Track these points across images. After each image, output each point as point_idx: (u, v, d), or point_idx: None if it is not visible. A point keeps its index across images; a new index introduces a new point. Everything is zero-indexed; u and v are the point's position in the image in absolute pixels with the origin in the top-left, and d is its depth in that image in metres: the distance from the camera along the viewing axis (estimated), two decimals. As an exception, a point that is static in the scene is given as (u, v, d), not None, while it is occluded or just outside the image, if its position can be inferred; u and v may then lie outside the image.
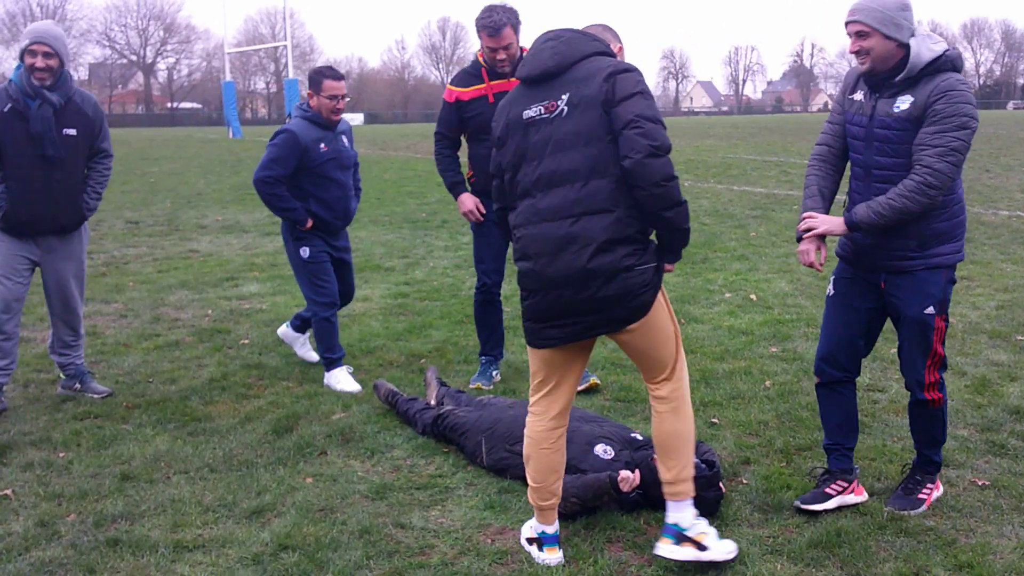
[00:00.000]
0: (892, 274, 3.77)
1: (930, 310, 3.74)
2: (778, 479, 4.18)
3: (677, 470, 3.45)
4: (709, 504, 3.81)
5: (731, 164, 23.47)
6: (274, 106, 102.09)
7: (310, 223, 5.56)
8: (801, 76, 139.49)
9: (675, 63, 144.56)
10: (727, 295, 8.05)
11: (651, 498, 3.85)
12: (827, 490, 3.91)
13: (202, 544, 3.66)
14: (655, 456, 3.73)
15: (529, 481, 3.58)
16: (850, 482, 3.95)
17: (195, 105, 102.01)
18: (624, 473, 3.75)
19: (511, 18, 5.19)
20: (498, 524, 3.82)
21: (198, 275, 9.35)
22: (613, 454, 4.05)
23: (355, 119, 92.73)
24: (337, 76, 5.52)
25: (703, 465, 3.88)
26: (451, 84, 5.49)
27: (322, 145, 5.50)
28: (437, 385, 5.13)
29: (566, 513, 3.77)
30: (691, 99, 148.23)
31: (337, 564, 3.47)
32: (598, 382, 5.55)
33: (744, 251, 10.27)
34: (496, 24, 5.14)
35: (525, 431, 3.61)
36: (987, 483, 4.13)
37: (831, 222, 3.76)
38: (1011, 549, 3.54)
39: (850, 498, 3.92)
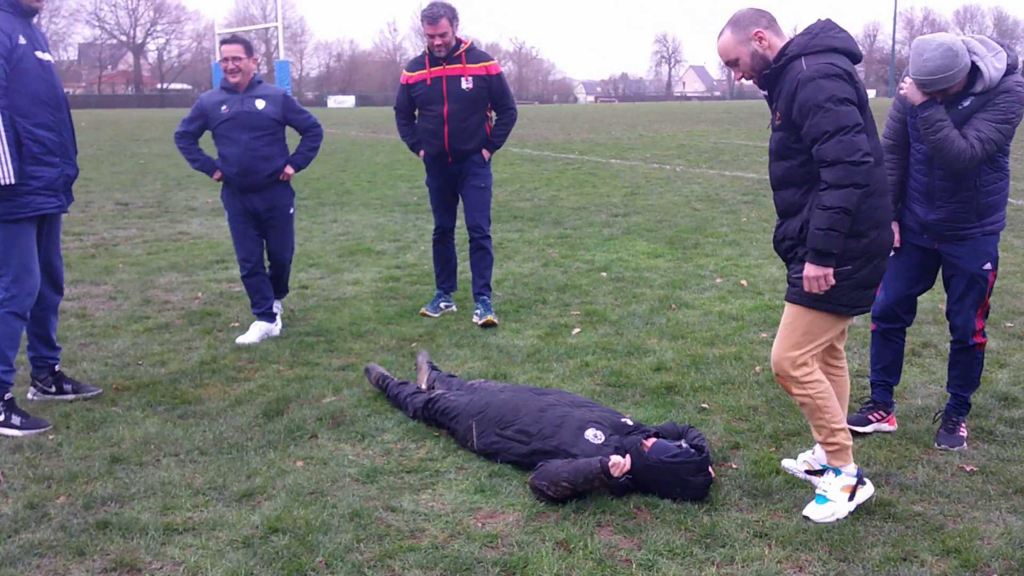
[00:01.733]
0: (950, 242, 4.35)
1: (987, 266, 4.36)
2: (767, 464, 4.19)
3: None
4: (698, 489, 3.82)
5: (723, 149, 23.47)
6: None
7: (217, 175, 6.30)
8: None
9: (668, 47, 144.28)
10: (718, 280, 8.06)
11: (641, 483, 3.86)
12: (869, 416, 4.60)
13: (192, 527, 3.66)
14: (649, 435, 3.77)
15: (838, 426, 3.74)
16: (888, 413, 4.64)
17: (185, 86, 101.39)
18: (615, 458, 3.76)
19: (448, 12, 6.41)
20: (488, 508, 3.83)
21: (188, 257, 9.31)
22: (603, 439, 4.06)
23: (346, 101, 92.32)
24: (231, 40, 6.17)
25: (692, 450, 3.89)
26: (404, 69, 6.80)
27: (223, 107, 6.17)
28: (428, 369, 5.13)
29: (557, 498, 3.78)
30: (683, 84, 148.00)
31: (327, 547, 3.47)
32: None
33: (735, 236, 10.28)
34: (435, 14, 6.38)
35: (822, 387, 3.72)
36: (975, 469, 4.16)
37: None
38: (998, 535, 3.57)
39: (884, 427, 4.61)
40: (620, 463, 3.75)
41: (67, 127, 4.90)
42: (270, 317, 6.45)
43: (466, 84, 6.52)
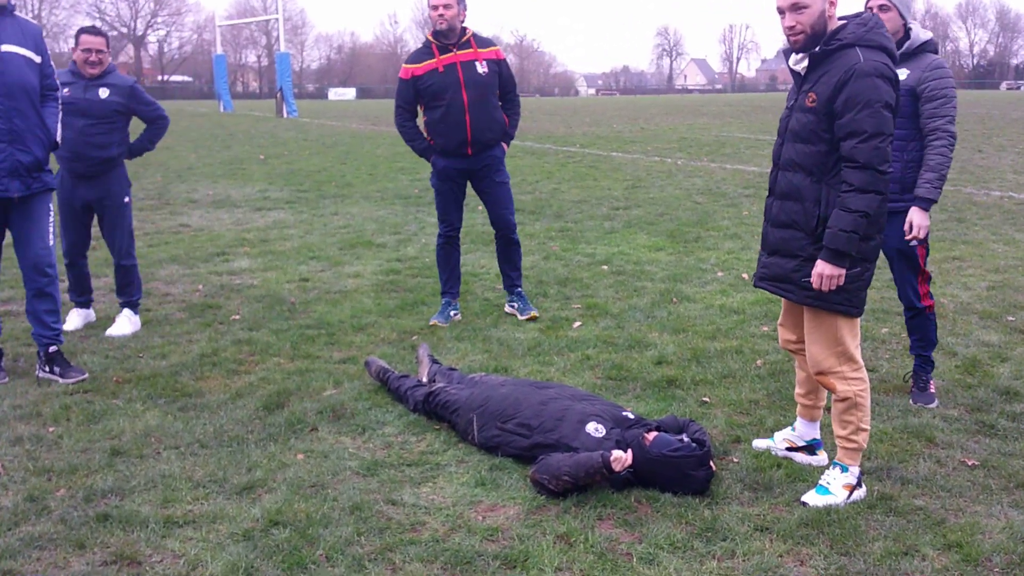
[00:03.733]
0: None
1: (913, 242, 4.71)
2: (768, 458, 4.19)
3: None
4: (699, 483, 3.82)
5: (724, 142, 23.43)
6: (265, 80, 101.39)
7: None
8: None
9: (669, 40, 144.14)
10: (719, 274, 8.05)
11: (642, 476, 3.86)
12: None
13: (192, 520, 3.65)
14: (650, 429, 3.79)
15: (865, 427, 3.81)
16: None
17: (186, 78, 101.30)
18: (617, 453, 3.75)
19: None
20: (489, 501, 3.83)
21: (189, 250, 9.30)
22: (604, 432, 4.05)
23: (347, 93, 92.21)
24: (94, 32, 6.17)
25: (693, 444, 3.88)
26: (405, 63, 6.36)
27: (65, 91, 5.98)
28: (429, 362, 5.12)
29: (558, 491, 3.78)
30: (685, 77, 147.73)
31: (328, 540, 3.47)
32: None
33: (737, 230, 10.26)
34: None
35: (865, 385, 3.79)
36: (977, 463, 4.15)
37: (920, 217, 4.61)
38: (1000, 529, 3.56)
39: None
40: (622, 457, 3.74)
41: (23, 115, 5.08)
42: (87, 305, 6.60)
43: (481, 68, 6.22)
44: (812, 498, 3.76)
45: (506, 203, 6.58)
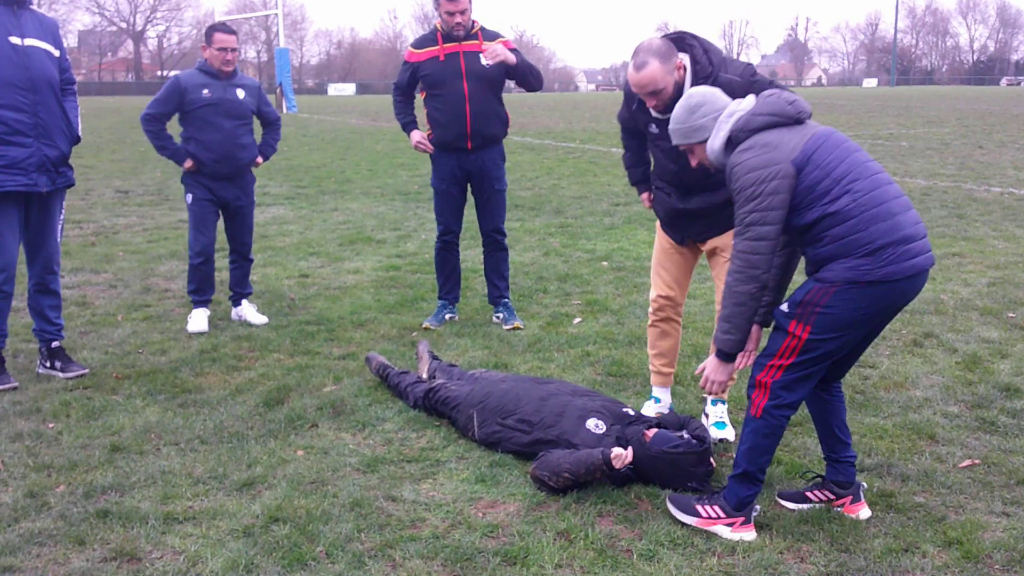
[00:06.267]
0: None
1: (783, 307, 3.40)
2: (769, 455, 4.18)
3: None
4: (699, 479, 3.82)
5: (724, 138, 23.36)
6: (265, 75, 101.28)
7: (189, 163, 6.11)
8: (795, 50, 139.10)
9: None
10: (719, 270, 8.04)
11: (642, 473, 3.86)
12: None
13: (192, 516, 3.65)
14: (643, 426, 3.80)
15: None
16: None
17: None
18: (617, 450, 3.75)
19: None
20: (489, 497, 3.82)
21: (188, 246, 9.27)
22: (605, 429, 4.05)
23: (346, 89, 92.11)
24: (228, 30, 6.12)
25: (694, 441, 3.88)
26: (409, 47, 6.26)
27: (205, 91, 6.03)
28: (429, 359, 5.12)
29: (558, 488, 3.78)
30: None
31: (328, 536, 3.47)
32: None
33: (737, 226, 10.23)
34: None
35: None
36: (977, 460, 4.14)
37: None
38: (1000, 526, 3.55)
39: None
40: (622, 455, 3.73)
41: (48, 109, 5.05)
42: (208, 303, 6.53)
43: (486, 60, 5.95)
44: (725, 433, 4.32)
45: (498, 209, 6.41)
